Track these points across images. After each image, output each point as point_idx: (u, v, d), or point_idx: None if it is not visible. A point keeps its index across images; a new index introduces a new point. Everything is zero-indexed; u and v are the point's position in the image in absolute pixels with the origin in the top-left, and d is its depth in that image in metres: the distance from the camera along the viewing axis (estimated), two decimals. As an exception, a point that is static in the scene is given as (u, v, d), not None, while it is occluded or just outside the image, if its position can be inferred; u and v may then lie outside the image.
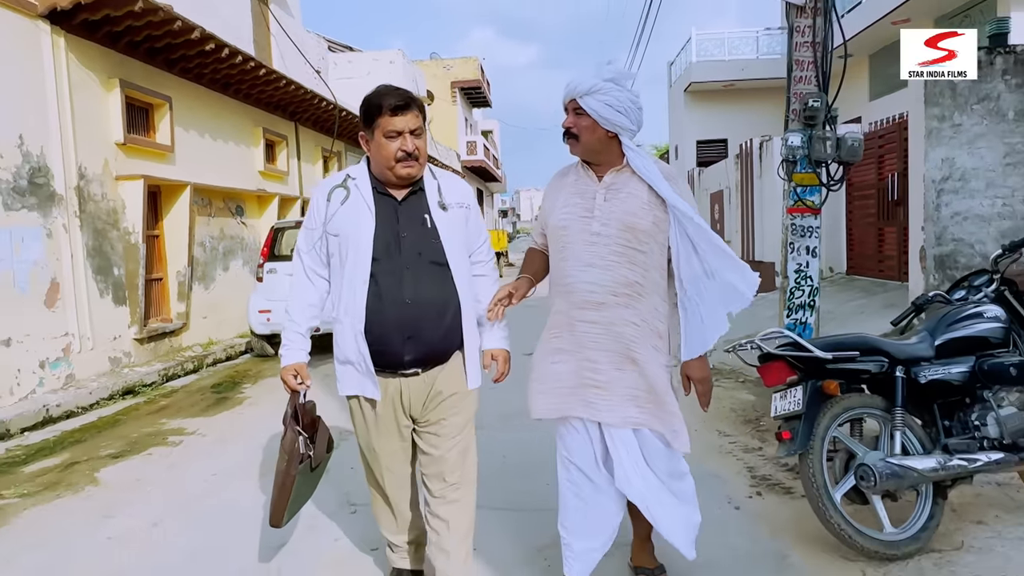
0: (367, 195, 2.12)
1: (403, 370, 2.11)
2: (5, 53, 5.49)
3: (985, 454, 2.64)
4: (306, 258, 2.22)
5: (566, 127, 2.21)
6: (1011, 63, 5.97)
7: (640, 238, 2.14)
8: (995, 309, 2.93)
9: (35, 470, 4.15)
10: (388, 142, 2.05)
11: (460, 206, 2.21)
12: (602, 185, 2.20)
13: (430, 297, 2.09)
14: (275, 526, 2.24)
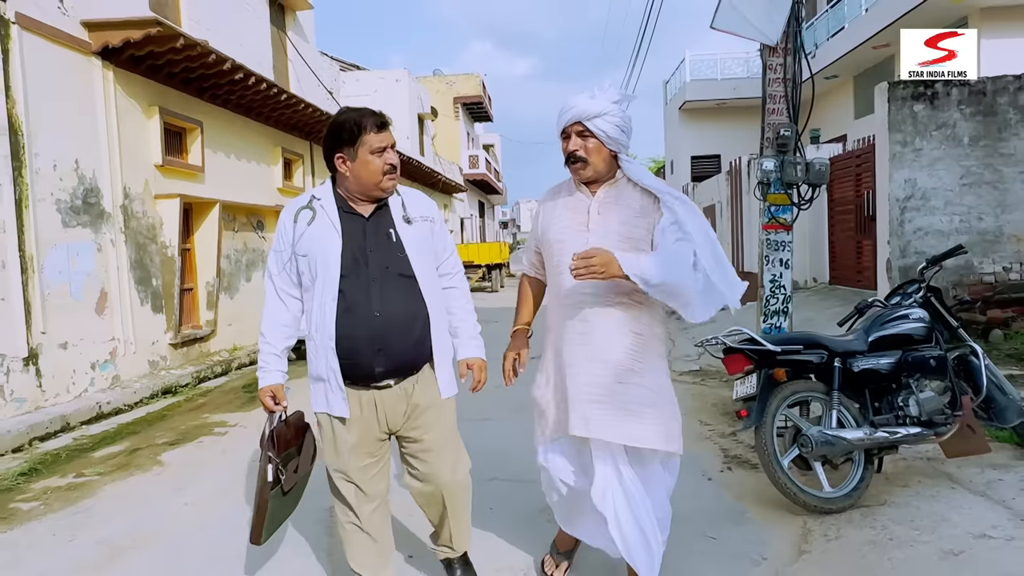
0: (332, 215, 2.18)
1: (375, 382, 2.16)
2: (65, 87, 6.15)
3: (905, 428, 3.26)
4: (277, 280, 2.26)
5: (571, 152, 2.22)
6: (965, 94, 6.64)
7: (637, 246, 2.17)
8: (920, 312, 3.56)
9: (104, 455, 4.76)
10: (374, 158, 2.12)
11: (425, 219, 2.27)
12: (596, 200, 2.26)
13: (398, 309, 2.15)
14: (255, 543, 2.29)
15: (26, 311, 5.57)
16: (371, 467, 2.26)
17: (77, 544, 3.20)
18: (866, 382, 3.38)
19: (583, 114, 2.18)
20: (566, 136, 2.24)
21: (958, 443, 3.34)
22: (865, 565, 2.60)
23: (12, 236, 5.47)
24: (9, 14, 5.51)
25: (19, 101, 5.58)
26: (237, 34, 9.65)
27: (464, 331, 2.38)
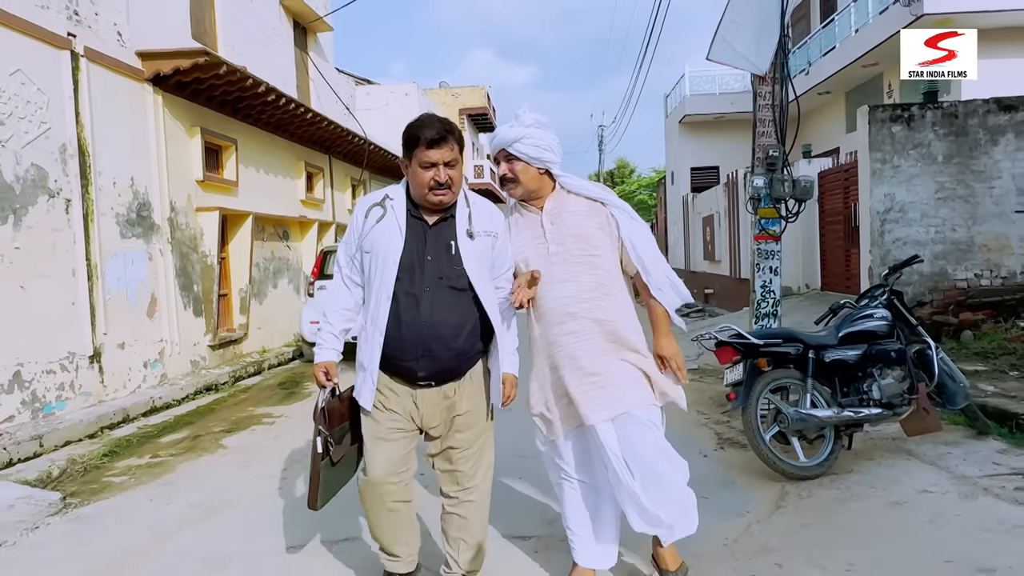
0: (400, 216, 2.26)
1: (418, 382, 2.26)
2: (122, 112, 6.80)
3: (868, 409, 3.87)
4: (344, 268, 2.38)
5: (502, 175, 2.49)
6: (939, 116, 7.28)
7: (593, 243, 2.43)
8: (883, 312, 4.18)
9: (169, 440, 5.38)
10: (423, 171, 2.19)
11: (487, 234, 2.32)
12: (545, 213, 2.48)
13: (446, 320, 2.21)
14: (312, 509, 2.38)
15: (91, 314, 6.20)
16: (405, 440, 2.32)
17: (173, 507, 3.81)
18: (836, 371, 4.00)
19: (504, 141, 2.43)
20: (497, 162, 2.50)
21: (915, 422, 3.95)
22: (828, 514, 3.22)
23: (80, 246, 6.11)
24: (79, 48, 6.16)
25: (86, 125, 6.23)
26: (265, 56, 10.33)
27: (503, 346, 2.39)
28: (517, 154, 2.42)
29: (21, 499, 3.80)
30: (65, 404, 5.83)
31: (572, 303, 2.39)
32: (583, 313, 2.38)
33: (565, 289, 2.39)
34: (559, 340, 2.42)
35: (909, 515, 3.07)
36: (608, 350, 2.40)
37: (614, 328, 2.40)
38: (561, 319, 2.40)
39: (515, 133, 2.41)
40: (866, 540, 2.84)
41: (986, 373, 5.75)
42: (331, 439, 2.33)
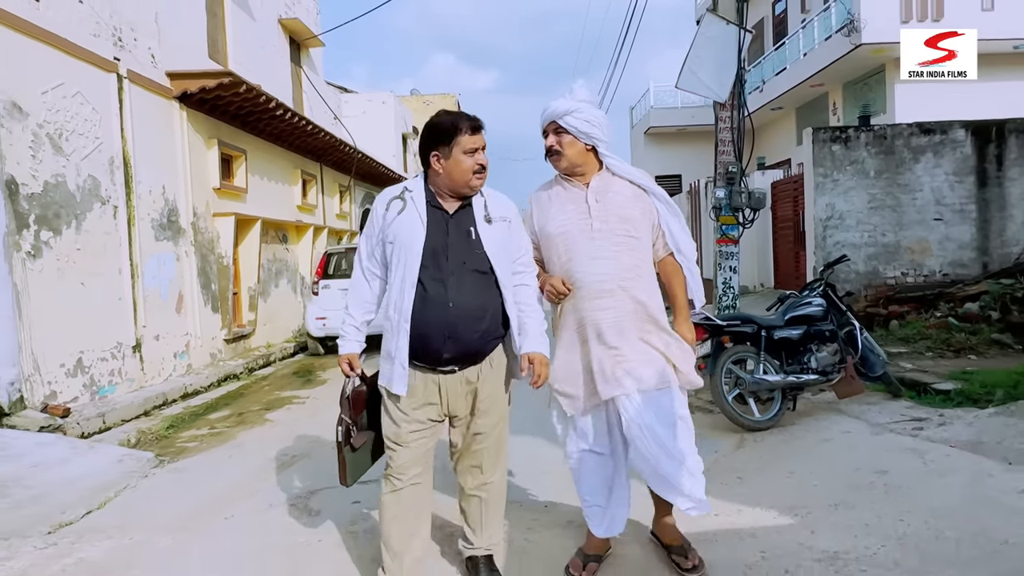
0: (421, 207, 2.33)
1: (441, 367, 2.31)
2: (155, 126, 7.52)
3: (807, 376, 4.92)
4: (365, 261, 2.45)
5: (549, 146, 2.53)
6: (871, 138, 8.49)
7: (636, 226, 2.49)
8: (819, 300, 5.25)
9: (217, 417, 6.16)
10: (466, 157, 2.27)
11: (503, 220, 2.40)
12: (590, 190, 2.52)
13: (470, 302, 2.28)
14: (344, 485, 2.52)
15: (134, 309, 6.92)
16: (422, 440, 2.38)
17: (251, 462, 4.63)
18: (782, 346, 5.04)
19: (555, 113, 2.51)
20: (545, 134, 2.55)
21: (844, 387, 5.02)
22: (775, 449, 4.24)
23: (125, 248, 6.83)
24: (123, 71, 6.89)
25: (128, 140, 6.95)
26: (267, 71, 11.06)
27: (531, 328, 2.44)
28: (566, 127, 2.49)
29: (124, 457, 4.58)
30: (115, 388, 6.54)
31: (609, 280, 2.46)
32: (619, 291, 2.46)
33: (603, 266, 2.46)
34: (591, 315, 2.48)
35: (833, 446, 4.12)
36: (636, 328, 2.47)
37: (645, 308, 2.49)
38: (596, 295, 2.47)
39: (567, 106, 2.48)
40: (801, 460, 3.87)
41: (907, 354, 6.91)
42: (353, 427, 2.45)
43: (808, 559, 2.57)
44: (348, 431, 2.44)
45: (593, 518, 2.59)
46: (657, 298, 2.56)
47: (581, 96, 2.51)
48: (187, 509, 3.66)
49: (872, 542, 2.68)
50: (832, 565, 2.52)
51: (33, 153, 5.62)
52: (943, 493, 3.10)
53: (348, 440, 2.44)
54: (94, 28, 6.50)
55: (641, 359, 2.47)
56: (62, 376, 5.85)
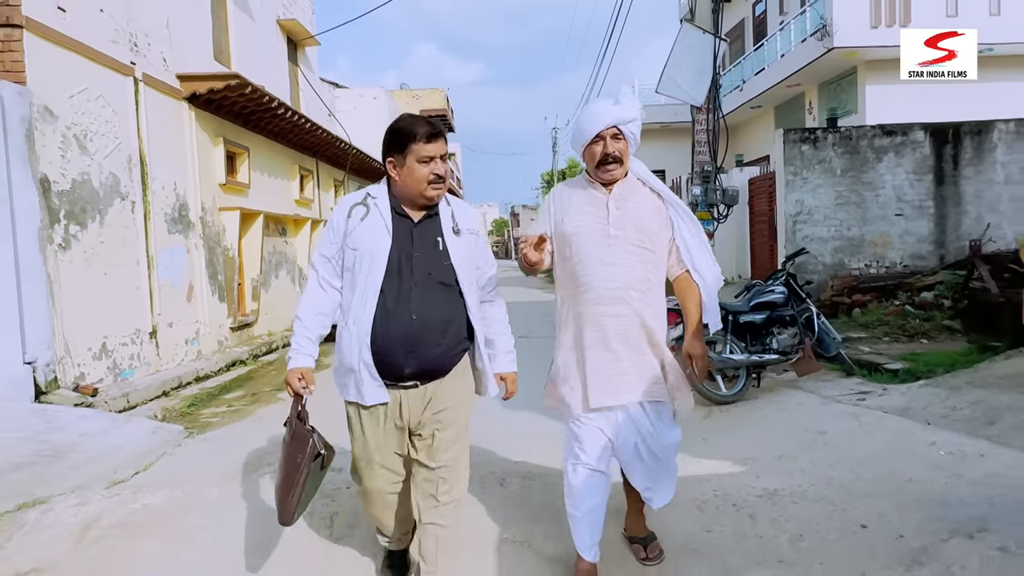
0: (386, 214, 2.24)
1: (403, 382, 2.22)
2: (167, 126, 7.97)
3: (769, 355, 5.53)
4: (321, 269, 2.32)
5: (608, 154, 2.41)
6: (838, 138, 9.11)
7: (652, 238, 2.44)
8: (781, 288, 5.86)
9: (232, 397, 6.67)
10: (421, 166, 2.17)
11: (470, 232, 2.34)
12: (612, 196, 2.47)
13: (434, 315, 2.21)
14: (285, 524, 2.29)
15: (150, 297, 7.39)
16: (395, 457, 2.35)
17: (271, 433, 5.13)
18: (747, 329, 5.64)
19: (620, 119, 2.40)
20: (599, 139, 2.42)
21: (802, 365, 5.63)
22: (738, 419, 4.83)
23: (141, 241, 7.30)
24: (139, 74, 7.34)
25: (144, 139, 7.41)
26: (266, 70, 11.49)
27: (500, 345, 2.45)
28: (627, 134, 2.43)
29: (157, 429, 5.10)
30: (134, 372, 7.03)
31: (620, 289, 2.42)
32: (628, 300, 2.43)
33: (615, 273, 2.43)
34: (598, 320, 2.45)
35: (787, 414, 4.73)
36: (639, 340, 2.46)
37: (650, 323, 2.47)
38: (603, 300, 2.43)
39: (632, 113, 2.41)
40: (758, 425, 4.47)
41: (866, 338, 7.55)
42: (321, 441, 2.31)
43: (752, 495, 3.16)
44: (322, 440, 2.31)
45: (582, 537, 2.49)
46: (661, 316, 2.54)
47: (639, 104, 2.47)
48: (224, 470, 4.18)
49: (805, 482, 3.27)
50: (771, 499, 3.11)
51: (62, 153, 6.07)
52: (869, 446, 3.71)
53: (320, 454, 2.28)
54: (113, 35, 6.94)
55: (639, 370, 2.45)
56: (89, 359, 6.33)
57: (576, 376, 2.53)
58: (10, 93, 5.43)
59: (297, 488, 2.23)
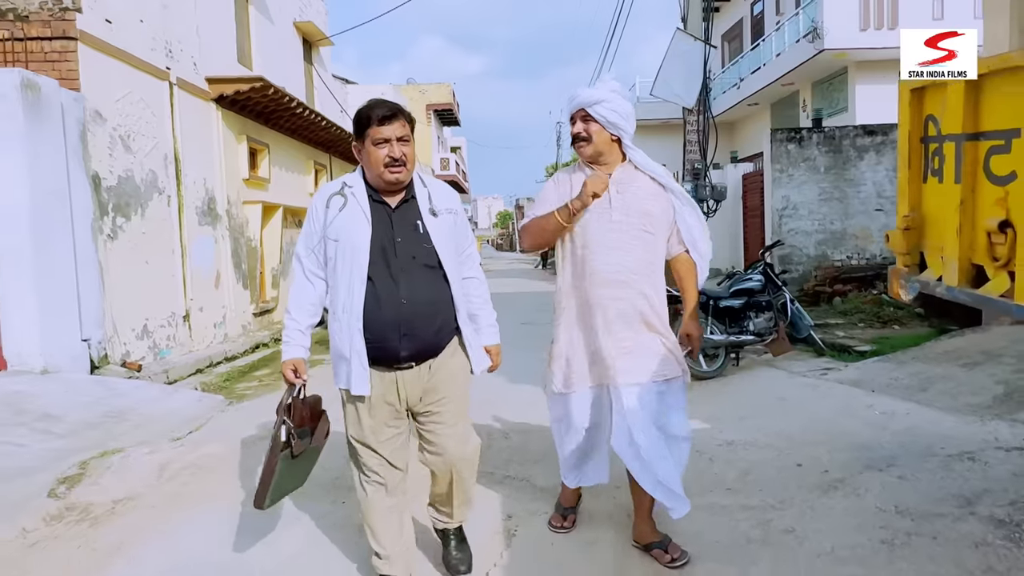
0: (363, 202, 2.26)
1: (399, 364, 2.26)
2: (197, 125, 8.62)
3: (745, 336, 6.16)
4: (305, 261, 2.35)
5: (576, 133, 2.54)
6: (822, 138, 9.70)
7: (653, 222, 2.51)
8: (759, 276, 6.49)
9: (261, 374, 7.34)
10: (376, 149, 2.19)
11: (449, 212, 2.35)
12: (613, 181, 2.51)
13: (423, 297, 2.25)
14: (258, 507, 2.31)
15: (183, 284, 8.07)
16: (394, 439, 2.36)
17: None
18: (727, 313, 6.28)
19: (584, 101, 2.50)
20: (572, 121, 2.56)
21: (777, 346, 6.25)
22: (717, 391, 5.48)
23: (176, 232, 7.96)
24: (173, 78, 7.98)
25: (178, 138, 8.06)
26: (284, 70, 12.13)
27: (483, 319, 2.50)
28: (595, 115, 2.50)
29: (201, 398, 5.77)
30: (171, 351, 7.71)
31: (623, 272, 2.50)
32: (631, 283, 2.50)
33: (619, 257, 2.50)
34: (602, 303, 2.52)
35: (756, 385, 5.39)
36: (641, 323, 2.54)
37: (651, 305, 2.55)
38: (608, 284, 2.50)
39: (597, 95, 2.50)
40: (730, 395, 5.12)
41: (843, 324, 8.18)
42: (294, 432, 2.32)
43: (713, 444, 3.80)
44: (291, 433, 2.31)
45: (567, 473, 2.75)
46: (662, 296, 2.63)
47: (612, 86, 2.54)
48: (264, 430, 4.84)
49: (759, 434, 3.92)
50: (728, 447, 3.76)
51: (110, 152, 6.73)
52: (818, 408, 4.36)
53: (289, 444, 2.30)
54: (151, 43, 7.58)
55: (644, 351, 2.52)
56: (133, 339, 7.01)
57: (573, 355, 2.61)
58: (67, 99, 6.07)
59: (267, 476, 2.26)
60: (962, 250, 1.99)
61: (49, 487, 3.61)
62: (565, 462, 2.77)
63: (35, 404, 4.83)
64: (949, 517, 2.67)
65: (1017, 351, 4.70)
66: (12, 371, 5.46)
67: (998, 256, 1.80)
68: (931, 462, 3.24)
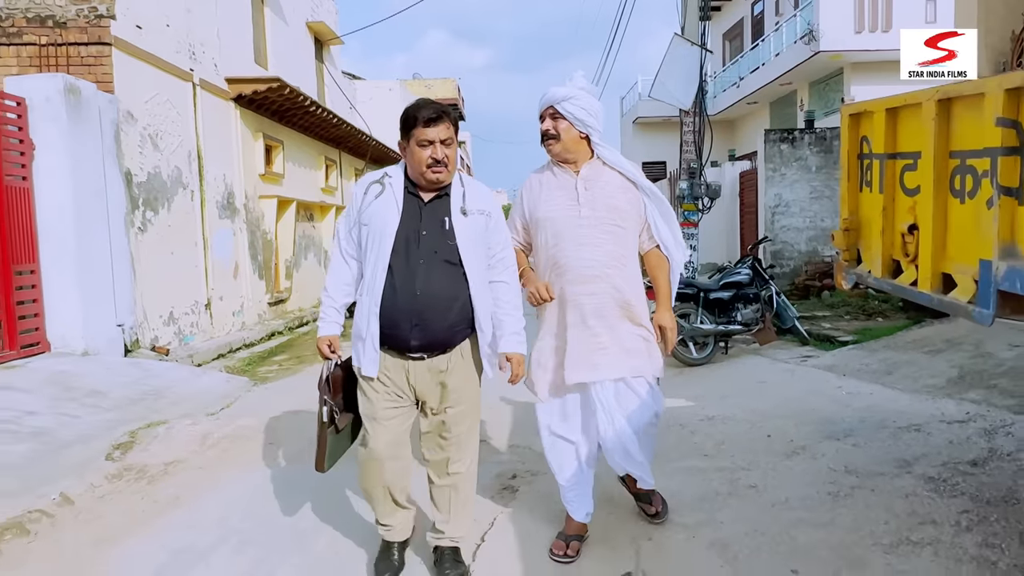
0: (398, 193, 2.36)
1: (410, 353, 2.34)
2: (218, 124, 9.08)
3: (733, 326, 6.62)
4: (343, 242, 2.46)
5: (544, 130, 2.57)
6: (814, 138, 10.12)
7: (622, 216, 2.55)
8: (747, 270, 6.94)
9: (280, 359, 7.82)
10: (420, 150, 2.28)
11: (481, 213, 2.39)
12: (580, 178, 2.56)
13: (438, 292, 2.30)
14: (319, 471, 2.49)
15: (205, 274, 8.54)
16: (399, 419, 2.43)
17: (321, 384, 6.29)
18: (716, 304, 6.73)
19: (552, 99, 2.55)
20: (542, 119, 2.60)
21: (763, 335, 6.71)
22: (705, 376, 5.93)
23: (199, 225, 8.43)
24: (196, 79, 8.44)
25: (200, 136, 8.52)
26: (296, 69, 12.57)
27: (509, 326, 2.46)
28: (563, 112, 2.54)
29: (229, 379, 6.25)
30: (194, 338, 8.19)
31: (595, 267, 2.54)
32: (603, 278, 2.54)
33: (590, 252, 2.54)
34: (575, 299, 2.56)
35: (740, 370, 5.86)
36: (617, 316, 2.56)
37: (627, 298, 2.57)
38: (581, 280, 2.54)
39: (565, 92, 2.53)
40: (716, 379, 5.58)
41: (830, 317, 8.62)
42: (336, 408, 2.45)
43: (694, 419, 4.26)
44: (332, 412, 2.45)
45: (572, 503, 2.68)
46: (639, 289, 2.65)
47: (580, 84, 2.57)
48: (290, 407, 5.32)
49: (737, 411, 4.38)
50: (708, 421, 4.22)
51: (140, 150, 7.20)
52: (793, 389, 4.82)
53: (332, 421, 2.45)
54: (176, 46, 8.04)
55: (619, 347, 2.55)
56: (160, 325, 7.49)
57: (551, 358, 2.64)
58: (103, 102, 6.53)
59: (321, 447, 2.45)
60: (884, 247, 2.43)
61: (106, 452, 4.09)
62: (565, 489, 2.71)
63: (82, 382, 5.31)
64: (888, 475, 3.13)
65: (975, 339, 5.14)
66: (56, 353, 5.94)
67: (908, 252, 2.23)
68: (883, 433, 3.70)
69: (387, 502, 2.50)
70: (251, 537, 3.01)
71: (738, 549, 2.61)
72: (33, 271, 5.86)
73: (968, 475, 3.02)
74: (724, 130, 18.98)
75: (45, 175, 5.91)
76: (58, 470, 3.74)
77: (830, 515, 2.81)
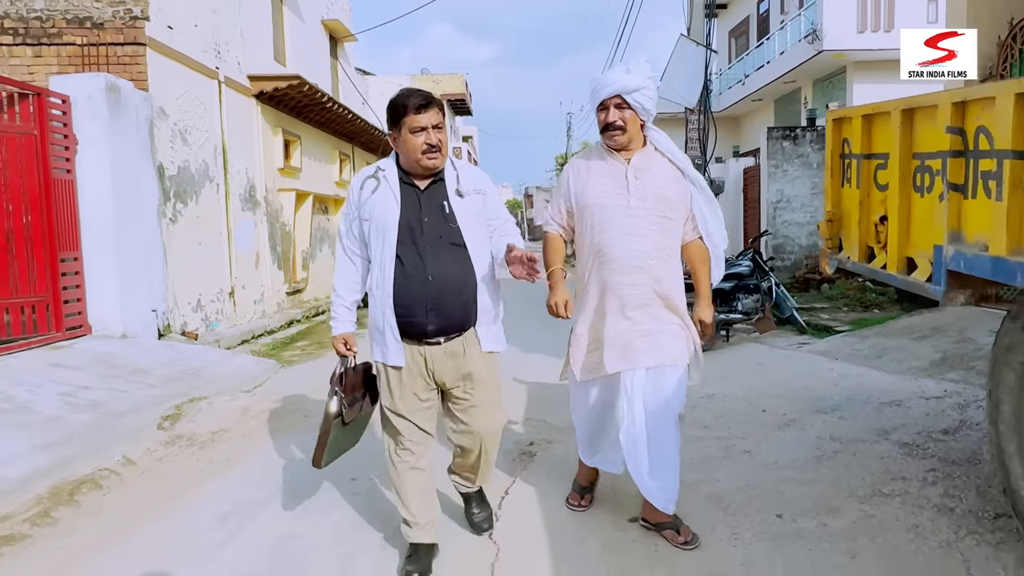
0: (394, 185, 2.39)
1: (427, 339, 2.40)
2: (241, 119, 9.45)
3: (734, 315, 6.97)
4: (345, 240, 2.51)
5: (611, 121, 2.47)
6: (815, 136, 10.43)
7: (671, 207, 2.52)
8: (748, 262, 7.28)
9: (301, 344, 8.22)
10: (413, 137, 2.30)
11: (477, 192, 2.45)
12: (631, 166, 2.52)
13: (449, 274, 2.38)
14: (316, 467, 2.53)
15: (229, 264, 8.94)
16: (424, 410, 2.49)
17: (344, 366, 6.67)
18: (718, 294, 7.07)
19: (623, 88, 2.43)
20: (603, 107, 2.49)
21: (762, 324, 7.06)
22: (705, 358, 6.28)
23: (223, 217, 8.82)
24: (222, 77, 8.81)
25: (225, 132, 8.90)
26: (312, 65, 12.94)
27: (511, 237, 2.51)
28: (632, 103, 2.45)
29: (258, 361, 6.64)
30: (219, 324, 8.59)
31: (640, 258, 2.50)
32: (647, 269, 2.51)
33: (636, 244, 2.50)
34: (617, 289, 2.53)
35: (740, 355, 6.20)
36: (657, 306, 2.55)
37: (668, 290, 2.55)
38: (625, 270, 2.52)
39: (637, 82, 2.44)
40: (717, 363, 5.92)
41: (828, 308, 8.97)
42: (345, 401, 2.48)
43: (696, 397, 4.61)
44: (342, 403, 2.48)
45: (584, 451, 2.84)
46: (679, 281, 2.63)
47: (648, 72, 2.49)
48: (320, 384, 5.70)
49: (736, 390, 4.74)
50: (708, 399, 4.58)
51: (171, 145, 7.58)
52: (787, 371, 5.18)
53: (340, 413, 2.47)
54: (203, 46, 8.41)
55: (659, 336, 2.54)
56: (189, 311, 7.89)
57: (589, 342, 2.63)
58: (139, 99, 6.91)
59: (322, 440, 2.47)
60: (861, 236, 2.78)
61: (156, 422, 4.49)
62: (583, 441, 2.85)
63: (125, 361, 5.71)
64: (868, 441, 3.49)
65: (960, 327, 5.48)
66: (96, 335, 6.34)
67: (880, 240, 2.58)
68: (867, 407, 4.06)
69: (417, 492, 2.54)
70: (297, 492, 3.40)
71: (731, 500, 2.98)
72: (76, 258, 6.25)
73: (939, 441, 3.38)
74: (729, 127, 19.28)
75: (87, 168, 6.30)
76: (115, 437, 4.14)
77: (814, 474, 3.18)
